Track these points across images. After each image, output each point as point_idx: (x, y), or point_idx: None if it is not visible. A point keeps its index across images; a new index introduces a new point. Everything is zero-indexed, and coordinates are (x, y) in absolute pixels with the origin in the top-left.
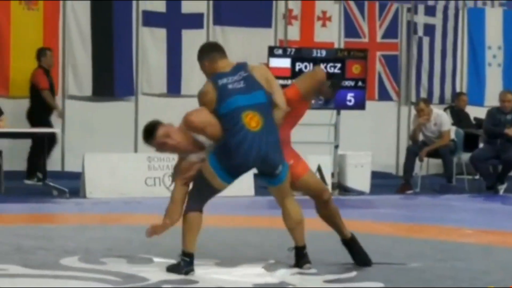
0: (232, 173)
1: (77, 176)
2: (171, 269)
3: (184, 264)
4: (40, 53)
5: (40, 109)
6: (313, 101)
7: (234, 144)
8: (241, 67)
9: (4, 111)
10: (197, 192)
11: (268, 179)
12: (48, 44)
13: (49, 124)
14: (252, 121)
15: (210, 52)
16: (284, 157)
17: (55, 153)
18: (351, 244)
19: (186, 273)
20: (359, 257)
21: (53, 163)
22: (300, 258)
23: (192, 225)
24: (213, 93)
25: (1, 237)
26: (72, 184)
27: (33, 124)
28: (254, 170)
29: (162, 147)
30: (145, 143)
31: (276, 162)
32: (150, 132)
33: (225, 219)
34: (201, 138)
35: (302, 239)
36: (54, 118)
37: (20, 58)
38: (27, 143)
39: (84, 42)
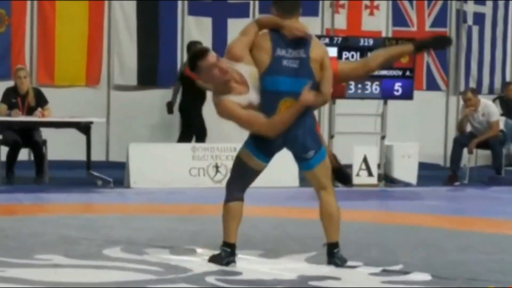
0: (266, 152)
1: (122, 166)
2: (212, 259)
3: (225, 254)
4: (191, 46)
5: (193, 100)
6: None
7: None
8: (304, 43)
9: (49, 100)
10: (236, 178)
11: (300, 162)
12: (93, 34)
13: (201, 115)
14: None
15: (289, 6)
16: (321, 144)
17: (100, 142)
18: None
19: (227, 264)
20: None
21: (97, 153)
22: (329, 257)
23: (234, 215)
24: (267, 47)
25: (46, 227)
26: (116, 174)
27: (187, 115)
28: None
29: (210, 71)
30: (192, 69)
31: (307, 146)
32: (202, 54)
33: (269, 210)
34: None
35: (332, 235)
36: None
37: (65, 49)
38: (70, 133)
39: (130, 31)
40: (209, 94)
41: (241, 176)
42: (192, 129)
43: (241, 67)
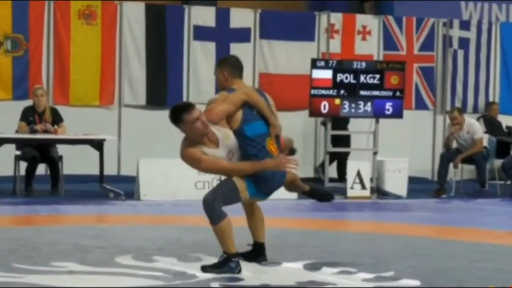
0: (266, 194)
1: (132, 180)
2: (218, 271)
3: (235, 264)
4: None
5: None
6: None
7: (269, 172)
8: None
9: (64, 118)
10: (222, 200)
11: (266, 195)
12: (105, 57)
13: None
14: (272, 147)
15: (237, 67)
16: None
17: (112, 158)
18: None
19: (239, 271)
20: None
21: (109, 168)
22: (260, 255)
23: (228, 231)
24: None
25: (61, 236)
26: (128, 187)
27: None
28: None
29: (193, 124)
30: (175, 121)
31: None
32: (188, 108)
33: (270, 221)
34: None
35: (263, 236)
36: None
37: (79, 70)
38: (85, 149)
39: (139, 55)
40: None
41: (229, 200)
42: None
43: (216, 128)
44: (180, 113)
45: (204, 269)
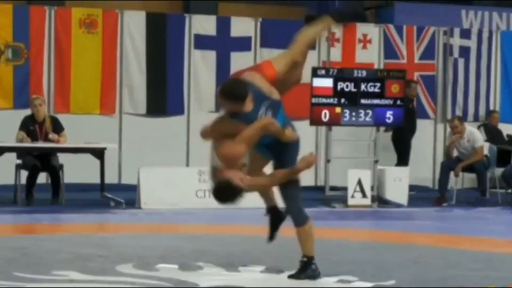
0: None
1: (133, 188)
2: (304, 276)
3: (315, 266)
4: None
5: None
6: None
7: None
8: (260, 98)
9: (65, 127)
10: (300, 201)
11: None
12: (106, 66)
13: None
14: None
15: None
16: None
17: (112, 166)
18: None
19: (319, 274)
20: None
21: (110, 176)
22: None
23: (312, 233)
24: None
25: (62, 245)
26: (128, 196)
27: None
28: None
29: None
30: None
31: None
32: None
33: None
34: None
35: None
36: None
37: (80, 79)
38: (85, 157)
39: (140, 64)
40: None
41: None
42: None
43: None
44: (227, 196)
45: (293, 277)
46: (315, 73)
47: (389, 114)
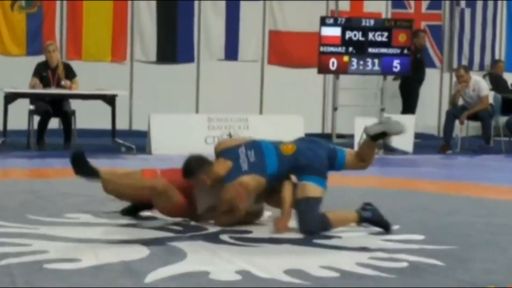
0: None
1: (144, 135)
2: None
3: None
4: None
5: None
6: None
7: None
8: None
9: (77, 74)
10: (317, 208)
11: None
12: (117, 13)
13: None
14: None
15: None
16: None
17: (123, 113)
18: None
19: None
20: None
21: (121, 122)
22: None
23: (337, 220)
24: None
25: (74, 189)
26: (139, 142)
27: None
28: None
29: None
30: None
31: None
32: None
33: None
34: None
35: None
36: None
37: (92, 27)
38: (97, 104)
39: (151, 12)
40: None
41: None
42: None
43: None
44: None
45: None
46: (323, 22)
47: (396, 63)
